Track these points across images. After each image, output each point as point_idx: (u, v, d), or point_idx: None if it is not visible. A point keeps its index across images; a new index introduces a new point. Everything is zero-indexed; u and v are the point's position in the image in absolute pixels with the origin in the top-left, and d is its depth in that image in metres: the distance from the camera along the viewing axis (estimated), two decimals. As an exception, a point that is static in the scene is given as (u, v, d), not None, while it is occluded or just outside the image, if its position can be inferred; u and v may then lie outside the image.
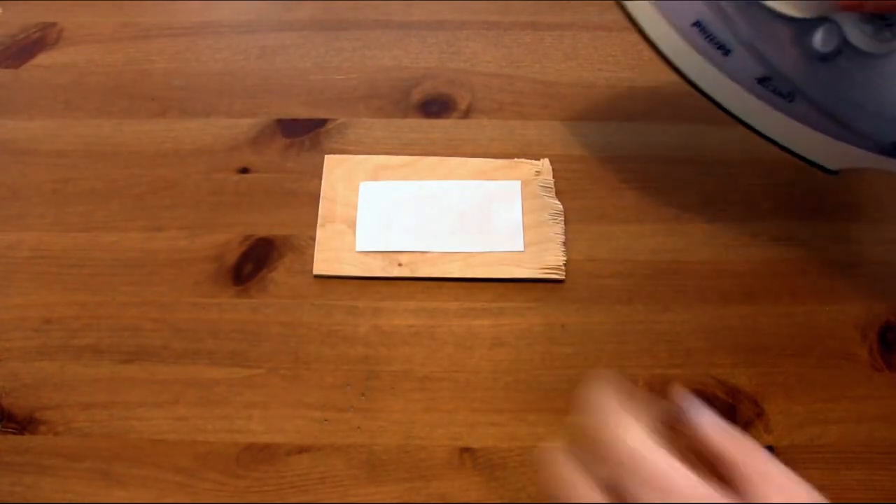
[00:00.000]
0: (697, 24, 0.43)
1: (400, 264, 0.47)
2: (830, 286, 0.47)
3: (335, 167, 0.51)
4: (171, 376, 0.43)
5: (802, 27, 0.41)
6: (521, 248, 0.48)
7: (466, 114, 0.54)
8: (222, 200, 0.50)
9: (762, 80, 0.43)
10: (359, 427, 0.41)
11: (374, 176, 0.51)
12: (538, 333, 0.45)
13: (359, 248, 0.48)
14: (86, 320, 0.45)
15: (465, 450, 0.41)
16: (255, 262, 0.48)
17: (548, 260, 0.47)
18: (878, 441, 0.41)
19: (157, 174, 0.51)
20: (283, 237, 0.48)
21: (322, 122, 0.54)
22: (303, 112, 0.55)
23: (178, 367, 0.44)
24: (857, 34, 0.40)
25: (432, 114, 0.55)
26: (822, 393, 0.43)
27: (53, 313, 0.45)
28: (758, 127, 0.45)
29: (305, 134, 0.53)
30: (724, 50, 0.43)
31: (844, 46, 0.41)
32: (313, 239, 0.48)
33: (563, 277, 0.47)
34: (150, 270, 0.47)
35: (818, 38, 0.41)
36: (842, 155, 0.44)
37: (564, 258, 0.47)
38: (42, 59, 0.58)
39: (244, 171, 0.52)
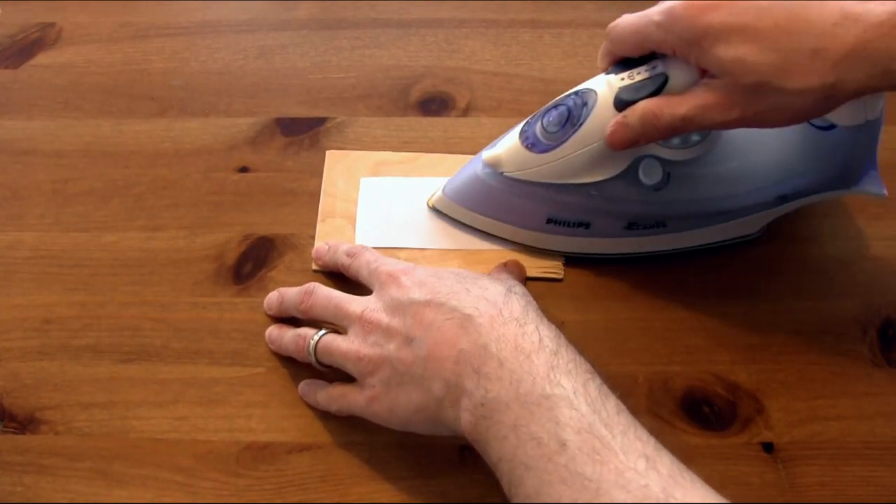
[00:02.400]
0: (549, 220, 0.45)
1: (399, 262, 0.47)
2: (830, 283, 0.47)
3: (336, 162, 0.52)
4: (171, 376, 0.43)
5: (627, 177, 0.43)
6: (521, 246, 0.48)
7: (465, 112, 0.54)
8: (222, 200, 0.50)
9: (630, 226, 0.45)
10: (359, 425, 0.41)
11: (375, 172, 0.51)
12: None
13: (358, 243, 0.48)
14: (86, 320, 0.45)
15: (466, 448, 0.41)
16: (254, 261, 0.48)
17: (546, 258, 0.47)
18: (878, 437, 0.41)
19: (156, 174, 0.51)
20: (283, 236, 0.48)
21: (321, 121, 0.54)
22: (302, 111, 0.55)
23: (178, 366, 0.44)
24: (671, 153, 0.43)
25: (431, 112, 0.54)
26: (822, 389, 0.43)
27: (53, 313, 0.46)
28: (655, 250, 0.47)
29: (304, 133, 0.53)
30: (585, 225, 0.45)
31: (671, 167, 0.43)
32: (313, 237, 0.48)
33: (562, 276, 0.47)
34: (150, 270, 0.47)
35: (644, 177, 0.43)
36: (745, 225, 0.46)
37: (563, 256, 0.47)
38: (41, 59, 0.58)
39: (243, 170, 0.52)
